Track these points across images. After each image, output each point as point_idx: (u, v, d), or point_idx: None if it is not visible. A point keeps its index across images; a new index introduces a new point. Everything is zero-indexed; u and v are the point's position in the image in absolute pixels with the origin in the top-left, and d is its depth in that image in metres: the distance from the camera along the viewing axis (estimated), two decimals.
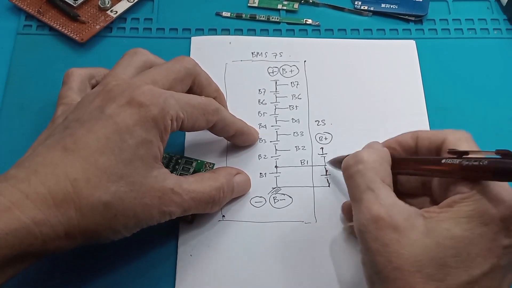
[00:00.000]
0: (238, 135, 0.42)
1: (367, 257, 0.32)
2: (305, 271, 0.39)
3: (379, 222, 0.31)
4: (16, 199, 0.30)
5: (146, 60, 0.39)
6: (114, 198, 0.32)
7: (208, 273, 0.38)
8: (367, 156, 0.34)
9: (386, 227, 0.31)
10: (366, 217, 0.32)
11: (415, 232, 0.31)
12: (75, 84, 0.40)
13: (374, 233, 0.31)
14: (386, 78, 0.48)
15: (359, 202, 0.33)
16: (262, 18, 0.51)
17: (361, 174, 0.33)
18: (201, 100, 0.37)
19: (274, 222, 0.41)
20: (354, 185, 0.34)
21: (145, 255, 0.39)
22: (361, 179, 0.33)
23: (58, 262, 0.38)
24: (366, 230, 0.32)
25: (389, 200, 0.32)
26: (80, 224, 0.31)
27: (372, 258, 0.31)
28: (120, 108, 0.33)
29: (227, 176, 0.39)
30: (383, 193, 0.32)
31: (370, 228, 0.31)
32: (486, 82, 0.48)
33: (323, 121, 0.45)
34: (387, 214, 0.31)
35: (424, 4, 0.51)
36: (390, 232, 0.31)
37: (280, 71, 0.48)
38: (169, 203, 0.34)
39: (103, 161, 0.32)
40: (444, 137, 0.34)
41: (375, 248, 0.31)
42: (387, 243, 0.31)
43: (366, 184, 0.33)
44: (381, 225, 0.31)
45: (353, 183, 0.34)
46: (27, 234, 0.30)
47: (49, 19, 0.49)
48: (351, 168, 0.34)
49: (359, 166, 0.34)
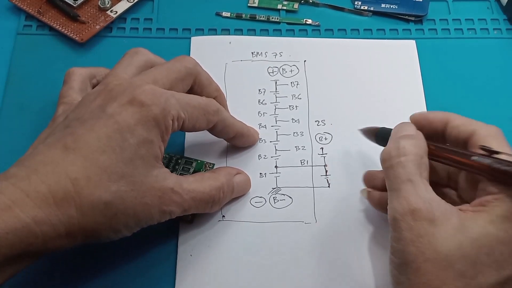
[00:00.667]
0: (238, 136, 0.42)
1: (399, 246, 0.32)
2: (305, 271, 0.39)
3: (416, 213, 0.32)
4: (17, 198, 0.30)
5: (146, 60, 0.39)
6: (115, 197, 0.32)
7: (208, 273, 0.38)
8: (410, 148, 0.34)
9: (423, 219, 0.31)
10: (403, 206, 0.32)
11: (450, 227, 0.31)
12: (76, 84, 0.40)
13: (410, 223, 0.32)
14: (386, 78, 0.48)
15: (398, 191, 0.33)
16: (262, 18, 0.51)
17: (403, 166, 0.34)
18: (202, 101, 0.37)
19: (274, 222, 0.40)
20: (394, 175, 0.34)
21: (145, 255, 0.39)
22: (402, 170, 0.34)
23: (58, 262, 0.38)
24: (402, 219, 0.32)
25: (427, 194, 0.33)
26: (80, 223, 0.31)
27: (405, 248, 0.32)
28: (121, 107, 0.33)
29: (227, 176, 0.39)
30: (422, 186, 0.33)
31: (407, 218, 0.32)
32: (486, 82, 0.48)
33: (323, 121, 0.45)
34: (425, 207, 0.32)
35: (424, 4, 0.51)
36: (426, 224, 0.31)
37: (280, 71, 0.48)
38: (169, 203, 0.35)
39: (103, 160, 0.32)
40: (474, 130, 0.35)
41: (409, 238, 0.31)
42: (421, 234, 0.31)
43: (407, 176, 0.33)
44: (418, 216, 0.32)
45: (394, 173, 0.34)
46: (27, 233, 0.29)
47: (49, 19, 0.49)
48: (393, 159, 0.34)
49: (402, 158, 0.34)
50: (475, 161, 0.32)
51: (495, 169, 0.31)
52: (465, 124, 0.35)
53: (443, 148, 0.36)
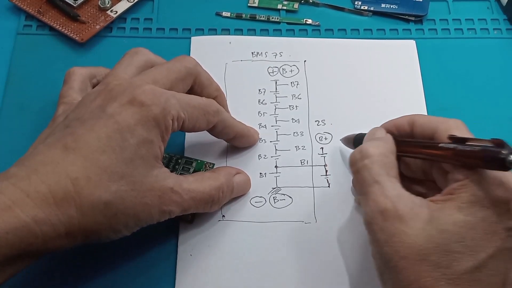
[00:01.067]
0: (238, 137, 0.42)
1: (376, 249, 0.33)
2: (305, 271, 0.39)
3: (385, 213, 0.32)
4: (17, 197, 0.30)
5: (147, 60, 0.39)
6: (115, 197, 0.32)
7: (208, 273, 0.38)
8: (372, 150, 0.35)
9: (392, 218, 0.32)
10: (372, 209, 0.33)
11: (419, 221, 0.31)
12: (76, 84, 0.40)
13: (381, 225, 0.32)
14: (386, 78, 0.48)
15: (366, 195, 0.34)
16: (262, 18, 0.51)
17: (367, 168, 0.34)
18: (202, 101, 0.37)
19: (274, 222, 0.41)
20: (361, 180, 0.34)
21: (145, 255, 0.39)
22: (367, 173, 0.34)
23: (58, 262, 0.38)
24: (373, 222, 0.32)
25: (395, 192, 0.33)
26: (80, 223, 0.31)
27: (380, 249, 0.32)
28: (121, 107, 0.33)
29: (227, 176, 0.39)
30: (388, 186, 0.33)
31: (377, 220, 0.32)
32: (486, 82, 0.48)
33: (323, 121, 0.45)
34: (392, 206, 0.32)
35: (424, 4, 0.51)
36: (396, 223, 0.31)
37: (280, 71, 0.48)
38: (169, 203, 0.35)
39: (104, 160, 0.32)
40: (436, 125, 0.35)
41: (382, 239, 0.32)
42: (393, 233, 0.31)
43: (373, 178, 0.34)
44: (387, 216, 0.32)
45: (360, 178, 0.35)
46: (27, 233, 0.29)
47: (49, 19, 0.49)
48: (358, 163, 0.35)
49: (365, 161, 0.34)
50: (441, 147, 0.33)
51: (459, 152, 0.31)
52: (429, 122, 0.36)
53: (411, 142, 0.36)
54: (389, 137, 0.37)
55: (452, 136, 0.33)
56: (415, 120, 0.37)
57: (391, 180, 0.33)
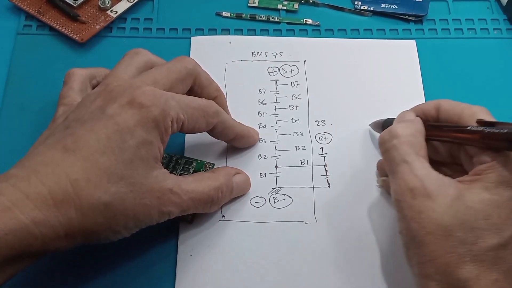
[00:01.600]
0: (238, 138, 0.42)
1: (403, 225, 0.34)
2: (305, 271, 0.39)
3: (414, 191, 0.33)
4: (16, 199, 0.30)
5: (147, 61, 0.39)
6: (114, 198, 0.32)
7: (208, 273, 0.38)
8: (401, 130, 0.36)
9: (420, 196, 0.33)
10: (401, 187, 0.34)
11: (446, 198, 0.32)
12: (76, 85, 0.40)
13: (409, 202, 0.33)
14: (386, 78, 0.48)
15: (395, 174, 0.35)
16: (262, 18, 0.51)
17: (396, 148, 0.35)
18: (201, 102, 0.37)
19: (274, 222, 0.41)
20: (390, 159, 0.35)
21: (145, 255, 0.39)
22: (396, 152, 0.35)
23: (58, 262, 0.38)
24: (402, 199, 0.33)
25: (423, 171, 0.34)
26: (80, 225, 0.31)
27: (408, 225, 0.33)
28: (121, 109, 0.33)
29: (226, 176, 0.39)
30: (417, 165, 0.34)
31: (406, 197, 0.33)
32: (486, 82, 0.48)
33: (323, 121, 0.45)
34: (420, 184, 0.33)
35: (424, 4, 0.51)
36: (424, 200, 0.33)
37: (280, 71, 0.48)
38: (168, 203, 0.35)
39: (103, 161, 0.32)
40: (462, 111, 0.36)
41: (410, 215, 0.33)
42: (421, 210, 0.32)
43: (401, 157, 0.35)
44: (415, 194, 0.33)
45: (389, 157, 0.36)
46: (26, 234, 0.29)
47: (49, 19, 0.49)
48: (387, 143, 0.36)
49: (394, 141, 0.35)
50: (470, 130, 0.34)
51: (486, 135, 0.32)
52: (454, 107, 0.37)
53: (439, 125, 0.37)
54: (418, 119, 0.38)
55: (481, 120, 0.34)
56: (441, 105, 0.37)
57: (420, 159, 0.34)
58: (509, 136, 0.31)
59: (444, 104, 0.37)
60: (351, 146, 0.44)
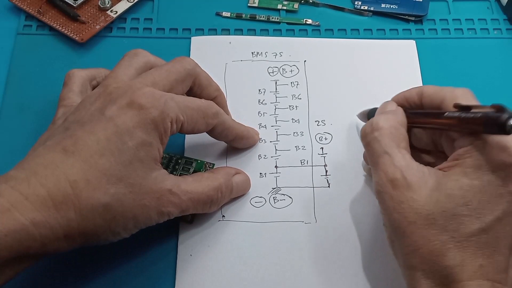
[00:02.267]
0: (238, 139, 0.42)
1: (386, 216, 0.34)
2: (305, 271, 0.39)
3: (395, 182, 0.33)
4: (16, 200, 0.30)
5: (146, 62, 0.39)
6: (114, 200, 0.32)
7: (208, 273, 0.38)
8: (382, 122, 0.36)
9: (401, 187, 0.33)
10: (382, 179, 0.34)
11: (427, 188, 0.32)
12: (75, 86, 0.40)
13: (391, 193, 0.33)
14: (386, 78, 0.48)
15: (376, 165, 0.35)
16: (262, 18, 0.51)
17: (377, 140, 0.35)
18: (201, 103, 0.37)
19: (274, 222, 0.41)
20: (371, 151, 0.36)
21: (145, 255, 0.39)
22: (377, 145, 0.35)
23: (58, 262, 0.38)
24: (383, 191, 0.34)
25: (404, 162, 0.34)
26: (79, 226, 0.31)
27: (390, 217, 0.33)
28: (120, 110, 0.33)
29: (226, 176, 0.39)
30: (398, 156, 0.34)
31: (387, 188, 0.33)
32: (486, 82, 0.48)
33: (323, 121, 0.45)
34: (401, 175, 0.33)
35: (424, 4, 0.51)
36: (405, 191, 0.33)
37: (280, 71, 0.48)
38: (167, 204, 0.35)
39: (103, 163, 0.32)
40: (444, 95, 0.36)
41: (392, 206, 0.33)
42: (402, 200, 0.33)
43: (383, 149, 0.35)
44: (396, 185, 0.33)
45: (371, 149, 0.36)
46: (26, 236, 0.30)
47: (49, 19, 0.49)
48: (368, 136, 0.36)
49: (375, 133, 0.35)
50: (447, 116, 0.34)
51: (463, 120, 0.32)
52: (436, 91, 0.37)
53: (419, 112, 0.37)
54: (400, 110, 0.38)
55: (457, 104, 0.34)
56: (424, 91, 0.37)
57: (401, 151, 0.34)
58: (484, 120, 0.31)
59: (427, 90, 0.37)
60: (351, 146, 0.44)
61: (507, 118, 0.29)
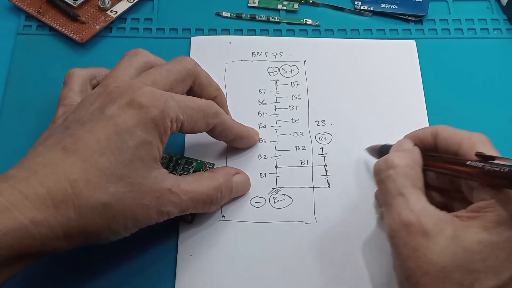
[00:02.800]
0: (238, 139, 0.42)
1: (398, 262, 0.33)
2: (305, 271, 0.39)
3: (409, 227, 0.32)
4: (15, 199, 0.30)
5: (146, 61, 0.39)
6: (113, 199, 0.32)
7: (208, 273, 0.38)
8: (398, 160, 0.34)
9: (416, 233, 0.31)
10: (396, 222, 0.32)
11: (444, 237, 0.31)
12: (76, 86, 0.40)
13: (405, 239, 0.32)
14: (386, 78, 0.48)
15: (390, 207, 0.33)
16: (262, 18, 0.51)
17: (392, 180, 0.34)
18: (201, 103, 0.37)
19: (274, 222, 0.41)
20: (385, 190, 0.34)
21: (145, 255, 0.39)
22: (392, 184, 0.34)
23: (58, 262, 0.38)
24: (396, 236, 0.32)
25: (419, 206, 0.32)
26: (79, 225, 0.31)
27: (403, 263, 0.32)
28: (120, 109, 0.33)
29: (226, 176, 0.39)
30: (413, 198, 0.33)
31: (401, 233, 0.32)
32: (486, 82, 0.48)
33: (323, 121, 0.45)
34: (416, 220, 0.32)
35: (424, 4, 0.51)
36: (420, 238, 0.31)
37: (280, 71, 0.48)
38: (167, 203, 0.35)
39: (102, 162, 0.32)
40: (461, 140, 0.35)
41: (405, 253, 0.32)
42: (417, 248, 0.31)
43: (397, 189, 0.33)
44: (411, 231, 0.32)
45: (385, 188, 0.34)
46: (25, 235, 0.29)
47: (49, 19, 0.49)
48: (382, 173, 0.35)
49: (390, 172, 0.34)
50: (469, 165, 0.32)
51: (486, 172, 0.31)
52: (452, 136, 0.35)
53: (437, 157, 0.36)
54: (416, 149, 0.36)
55: (480, 153, 0.33)
56: (439, 133, 0.36)
57: (417, 192, 0.33)
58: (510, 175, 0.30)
59: (442, 131, 0.36)
60: (351, 146, 0.44)
61: None
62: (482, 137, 0.35)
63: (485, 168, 0.31)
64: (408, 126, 0.40)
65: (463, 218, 0.32)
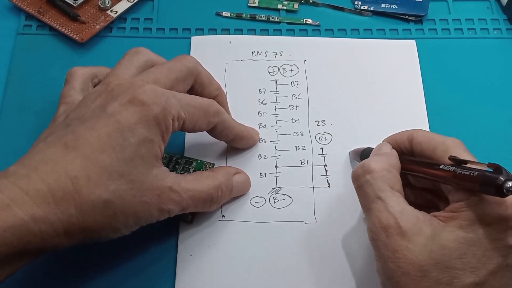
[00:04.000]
0: (238, 139, 0.42)
1: (380, 264, 0.33)
2: (305, 271, 0.39)
3: (389, 230, 0.32)
4: (15, 196, 0.30)
5: (147, 60, 0.39)
6: (114, 196, 0.32)
7: (208, 272, 0.38)
8: (374, 165, 0.35)
9: (395, 234, 0.32)
10: (376, 226, 0.33)
11: (422, 237, 0.32)
12: (77, 84, 0.40)
13: (385, 241, 0.32)
14: (386, 78, 0.48)
15: (370, 212, 0.34)
16: (262, 18, 0.51)
17: (370, 184, 0.34)
18: (202, 101, 0.37)
19: (274, 222, 0.41)
20: (363, 195, 0.35)
21: (145, 254, 0.39)
22: (370, 188, 0.34)
23: (58, 261, 0.38)
24: (377, 239, 0.33)
25: (398, 208, 0.33)
26: (79, 222, 0.31)
27: (384, 265, 0.32)
28: (122, 107, 0.33)
29: (226, 175, 0.39)
30: (391, 201, 0.33)
31: (381, 236, 0.33)
32: (486, 82, 0.48)
33: (323, 121, 0.45)
34: (395, 222, 0.32)
35: (424, 4, 0.51)
36: (399, 239, 0.32)
37: (280, 71, 0.48)
38: (168, 201, 0.35)
39: (103, 159, 0.32)
40: (436, 145, 0.35)
41: (386, 255, 0.32)
42: (396, 249, 0.32)
43: (375, 194, 0.34)
44: (390, 233, 0.32)
45: (363, 193, 0.35)
46: (25, 231, 0.29)
47: (49, 19, 0.49)
48: (360, 179, 0.35)
49: (367, 176, 0.34)
50: (442, 169, 0.33)
51: (458, 176, 0.31)
52: (427, 140, 0.36)
53: (414, 160, 0.36)
54: (394, 153, 0.37)
55: (453, 157, 0.33)
56: (414, 137, 0.37)
57: (394, 194, 0.34)
58: (481, 180, 0.30)
59: (418, 136, 0.36)
60: (351, 146, 0.44)
61: (504, 181, 0.29)
62: (456, 142, 0.35)
63: (457, 172, 0.32)
64: (408, 126, 0.39)
65: (441, 218, 0.33)
